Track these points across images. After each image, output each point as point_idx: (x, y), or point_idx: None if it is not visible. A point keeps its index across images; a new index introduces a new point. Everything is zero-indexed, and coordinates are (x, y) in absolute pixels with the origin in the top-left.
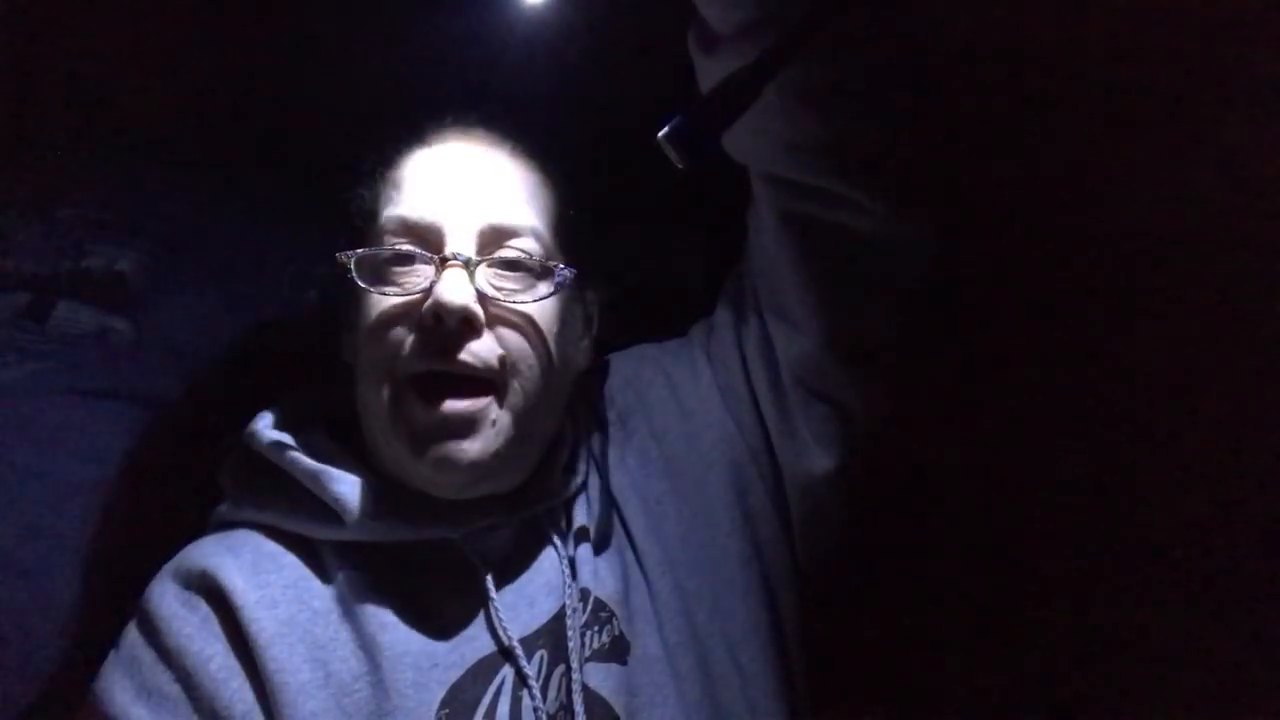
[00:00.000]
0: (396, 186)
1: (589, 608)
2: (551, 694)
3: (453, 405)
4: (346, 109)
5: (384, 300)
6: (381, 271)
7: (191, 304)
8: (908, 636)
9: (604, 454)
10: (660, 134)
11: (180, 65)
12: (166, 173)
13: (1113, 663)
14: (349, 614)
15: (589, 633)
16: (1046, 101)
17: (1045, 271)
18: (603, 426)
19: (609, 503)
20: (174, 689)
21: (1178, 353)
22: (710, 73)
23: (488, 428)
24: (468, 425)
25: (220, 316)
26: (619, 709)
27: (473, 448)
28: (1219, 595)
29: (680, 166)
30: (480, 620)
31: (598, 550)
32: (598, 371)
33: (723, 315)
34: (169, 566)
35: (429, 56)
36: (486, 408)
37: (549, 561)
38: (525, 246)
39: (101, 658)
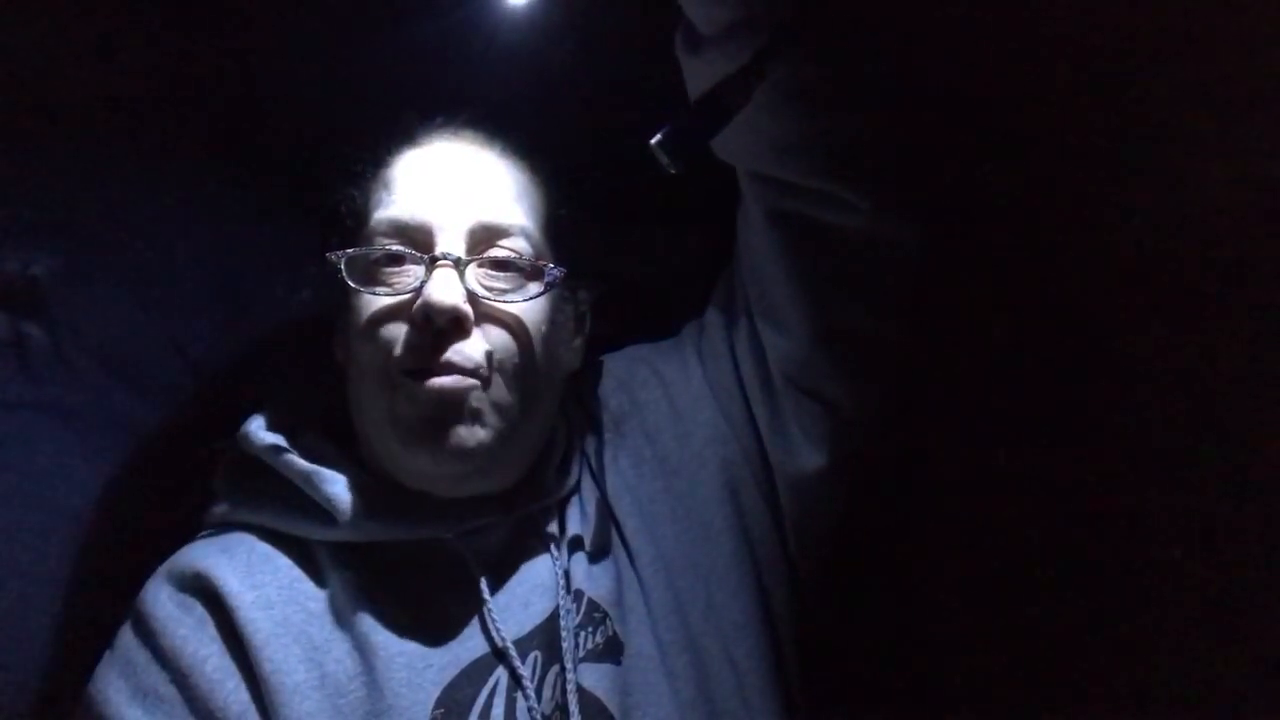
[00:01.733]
0: (387, 187)
1: (583, 608)
2: (547, 695)
3: (440, 379)
4: (305, 107)
5: (375, 300)
6: (372, 272)
7: (114, 308)
8: (902, 634)
9: (598, 455)
10: (652, 141)
11: (112, 53)
12: (86, 168)
13: (1113, 662)
14: (344, 614)
15: (583, 633)
16: (1039, 98)
17: (1038, 268)
18: (596, 427)
19: (605, 511)
20: (169, 690)
21: (1178, 350)
22: (697, 73)
23: (478, 414)
24: (457, 404)
25: (146, 321)
26: (614, 709)
27: (465, 434)
28: (1222, 596)
29: (672, 172)
30: (474, 621)
31: (592, 549)
32: (591, 372)
33: (713, 314)
34: (163, 568)
35: (417, 56)
36: (472, 388)
37: (543, 562)
38: (515, 246)
39: (96, 659)
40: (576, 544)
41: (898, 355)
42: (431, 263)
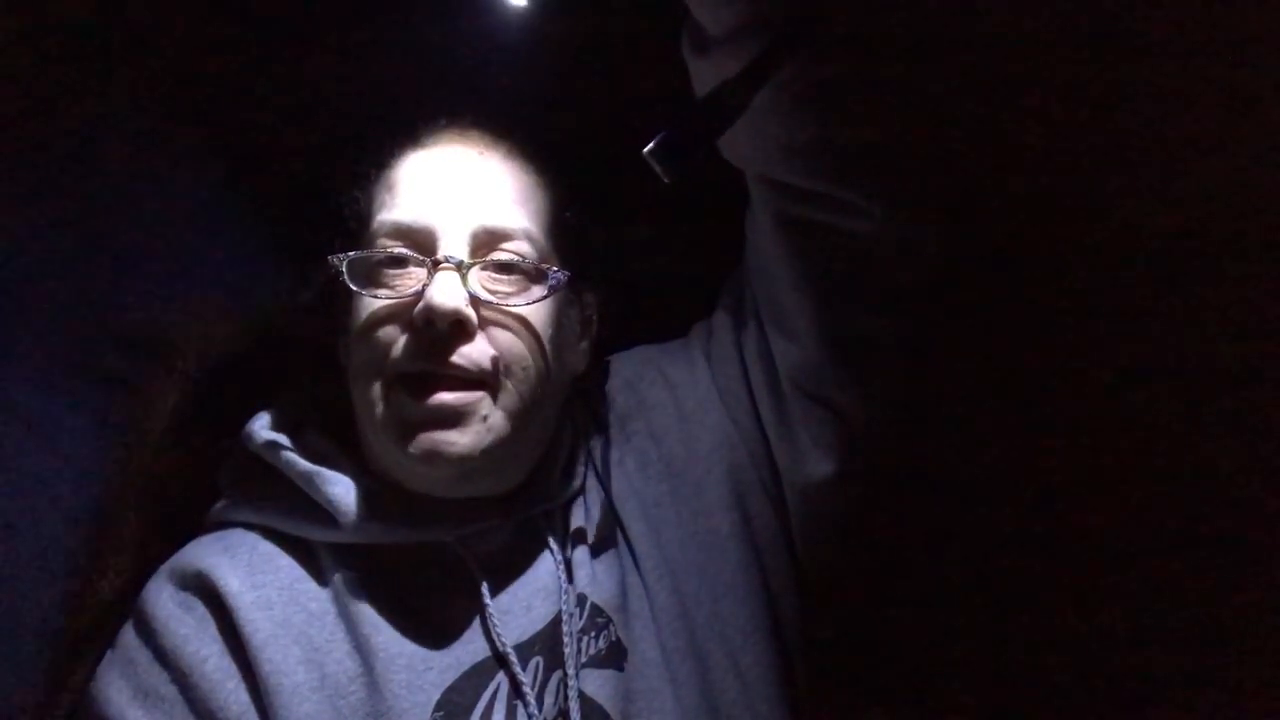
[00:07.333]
0: (390, 189)
1: (586, 613)
2: (548, 700)
3: (442, 397)
4: (308, 107)
5: (376, 303)
6: (374, 274)
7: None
8: (908, 639)
9: (604, 457)
10: (645, 150)
11: (113, 53)
12: (88, 163)
13: (1114, 663)
14: (344, 615)
15: (586, 638)
16: (1048, 99)
17: (1047, 271)
18: (602, 429)
19: (610, 513)
20: (170, 690)
21: (1182, 352)
22: (703, 74)
23: (478, 422)
24: (456, 416)
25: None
26: (616, 715)
27: (461, 440)
28: (1223, 596)
29: (666, 181)
30: (476, 624)
31: (596, 553)
32: (598, 373)
33: (721, 317)
34: (165, 567)
35: (420, 57)
36: (478, 401)
37: (545, 566)
38: (518, 249)
39: (98, 658)
40: (579, 539)
41: (906, 362)
42: (434, 266)
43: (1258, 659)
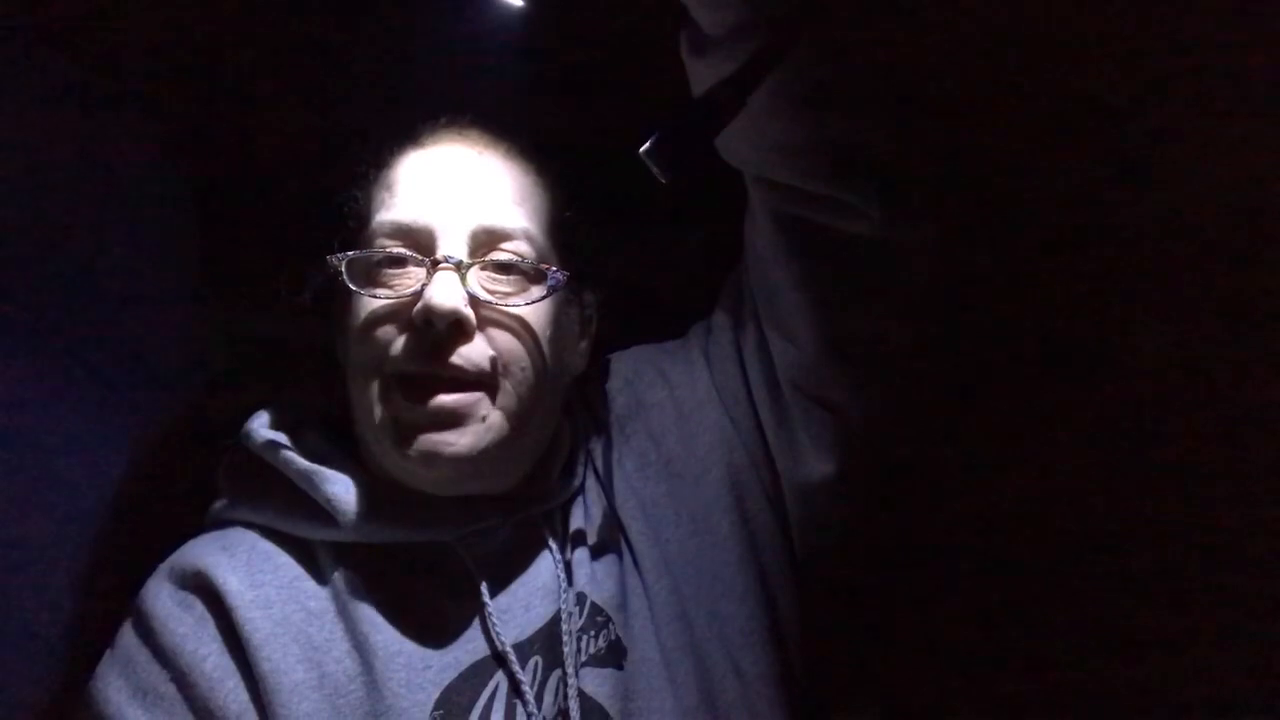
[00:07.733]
0: (389, 189)
1: (585, 612)
2: (548, 699)
3: (442, 400)
4: (308, 107)
5: (374, 302)
6: (373, 274)
7: (119, 308)
8: (908, 639)
9: (604, 457)
10: (641, 149)
11: (111, 54)
12: (85, 162)
13: (1115, 663)
14: (344, 614)
15: (585, 637)
16: (1044, 100)
17: (1044, 272)
18: (602, 428)
19: (609, 513)
20: (169, 689)
21: (1179, 352)
22: (701, 75)
23: (477, 422)
24: (456, 418)
25: (152, 322)
26: (615, 714)
27: (460, 440)
28: (1224, 596)
29: (663, 181)
30: (475, 624)
31: (595, 553)
32: (597, 373)
33: (721, 317)
34: (164, 566)
35: (420, 58)
36: (477, 402)
37: (545, 565)
38: (518, 249)
39: (98, 657)
40: (579, 539)
41: (905, 362)
42: (433, 265)
43: (1258, 659)
